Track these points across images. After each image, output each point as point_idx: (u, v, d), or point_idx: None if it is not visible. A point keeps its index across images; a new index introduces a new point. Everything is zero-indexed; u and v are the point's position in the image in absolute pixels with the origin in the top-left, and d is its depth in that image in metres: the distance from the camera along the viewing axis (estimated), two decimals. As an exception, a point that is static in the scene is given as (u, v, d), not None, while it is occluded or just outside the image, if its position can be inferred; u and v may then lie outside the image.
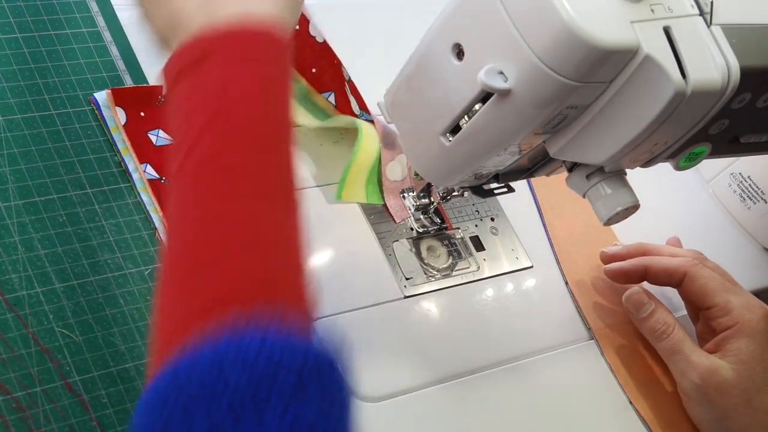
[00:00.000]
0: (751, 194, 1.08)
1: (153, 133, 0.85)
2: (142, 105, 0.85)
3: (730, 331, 0.89)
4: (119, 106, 0.84)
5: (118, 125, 0.84)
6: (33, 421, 0.71)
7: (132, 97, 0.85)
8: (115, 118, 0.84)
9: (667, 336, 0.91)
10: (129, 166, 0.83)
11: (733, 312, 0.90)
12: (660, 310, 0.92)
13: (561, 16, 0.66)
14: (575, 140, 0.74)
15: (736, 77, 0.71)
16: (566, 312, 0.95)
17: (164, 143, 0.84)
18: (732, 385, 0.88)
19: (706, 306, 0.91)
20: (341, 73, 0.93)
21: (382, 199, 0.91)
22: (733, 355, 0.88)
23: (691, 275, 0.92)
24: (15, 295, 0.75)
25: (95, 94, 0.84)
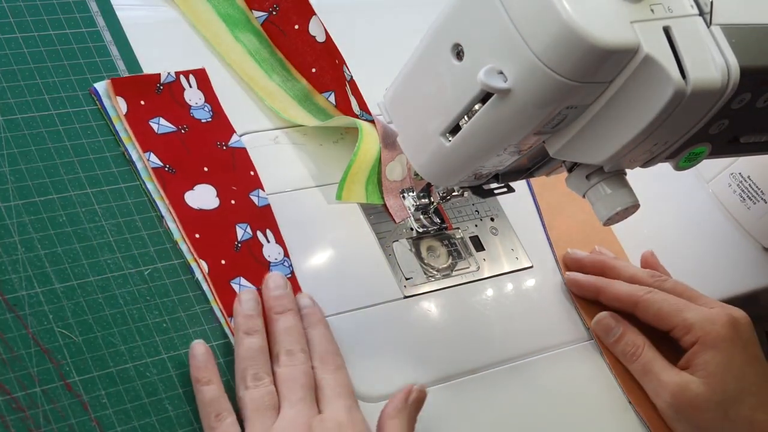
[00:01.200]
0: (751, 194, 1.08)
1: (154, 121, 0.85)
2: (142, 94, 0.86)
3: (696, 347, 0.89)
4: (119, 96, 0.84)
5: (120, 114, 0.84)
6: (33, 422, 0.71)
7: (131, 86, 0.85)
8: (116, 107, 0.84)
9: (637, 357, 0.91)
10: (132, 155, 0.83)
11: (693, 328, 0.89)
12: (629, 332, 0.92)
13: (561, 16, 0.66)
14: (575, 140, 0.74)
15: (736, 77, 0.71)
16: (566, 312, 0.95)
17: (166, 131, 0.85)
18: (705, 399, 0.87)
19: (667, 329, 0.91)
20: (342, 72, 0.93)
21: (382, 199, 0.91)
22: (702, 369, 0.88)
23: (643, 304, 0.91)
24: (15, 295, 0.75)
25: (95, 84, 0.85)
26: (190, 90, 0.88)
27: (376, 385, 0.83)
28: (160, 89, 0.86)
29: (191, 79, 0.88)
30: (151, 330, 0.78)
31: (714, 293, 1.03)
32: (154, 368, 0.77)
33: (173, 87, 0.87)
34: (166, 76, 0.87)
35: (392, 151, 0.92)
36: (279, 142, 0.91)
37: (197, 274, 0.81)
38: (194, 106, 0.87)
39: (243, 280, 0.82)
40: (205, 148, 0.86)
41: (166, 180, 0.83)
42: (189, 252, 0.81)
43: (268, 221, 0.86)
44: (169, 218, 0.82)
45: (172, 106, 0.87)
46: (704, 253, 1.07)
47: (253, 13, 0.95)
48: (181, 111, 0.87)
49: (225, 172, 0.86)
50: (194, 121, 0.87)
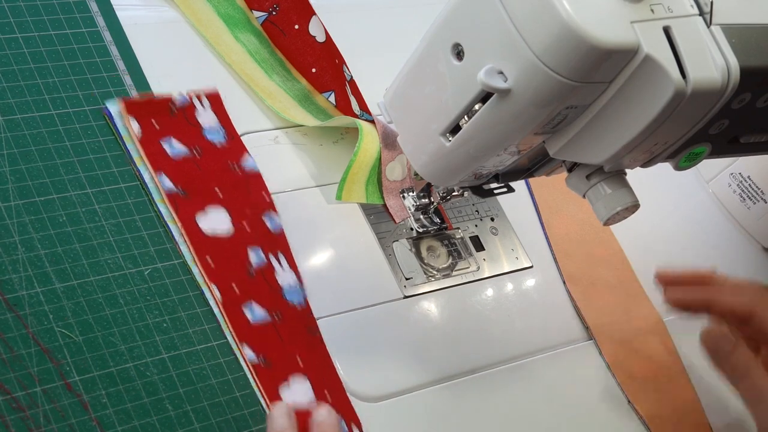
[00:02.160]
0: (751, 194, 1.08)
1: (166, 143, 0.84)
2: (155, 115, 0.85)
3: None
4: (132, 116, 0.84)
5: (132, 136, 0.83)
6: (33, 421, 0.71)
7: (145, 108, 0.85)
8: (128, 128, 0.84)
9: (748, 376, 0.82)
10: (144, 177, 0.83)
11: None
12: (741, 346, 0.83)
13: (561, 15, 0.66)
14: (575, 140, 0.74)
15: (736, 77, 0.71)
16: (566, 312, 0.95)
17: (178, 153, 0.84)
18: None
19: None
20: (342, 72, 0.93)
21: (382, 199, 0.91)
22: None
23: (759, 316, 0.83)
24: (15, 295, 0.75)
25: (108, 105, 0.84)
26: (203, 111, 0.87)
27: (376, 385, 0.83)
28: (174, 111, 0.85)
29: (204, 101, 0.88)
30: (152, 330, 0.78)
31: (714, 293, 1.04)
32: (154, 368, 0.77)
33: (187, 109, 0.87)
34: (179, 98, 0.87)
35: (392, 151, 0.92)
36: (279, 142, 0.91)
37: (209, 299, 0.80)
38: (207, 128, 0.87)
39: (255, 304, 0.81)
40: (218, 171, 0.85)
41: (178, 203, 0.82)
42: (200, 276, 0.81)
43: (281, 245, 0.85)
44: (181, 242, 0.81)
45: (186, 127, 0.86)
46: (704, 253, 1.07)
47: (253, 13, 0.96)
48: (195, 132, 0.86)
49: (238, 195, 0.85)
50: (207, 143, 0.86)
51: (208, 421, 0.77)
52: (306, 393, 0.80)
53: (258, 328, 0.81)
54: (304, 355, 0.81)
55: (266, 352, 0.80)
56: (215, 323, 0.80)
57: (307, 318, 0.83)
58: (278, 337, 0.81)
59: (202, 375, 0.78)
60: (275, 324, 0.81)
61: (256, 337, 0.80)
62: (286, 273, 0.84)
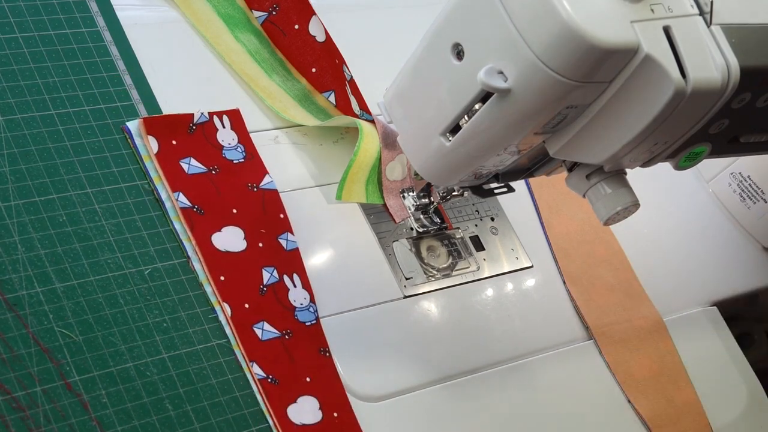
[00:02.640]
0: (751, 194, 1.08)
1: (185, 161, 0.84)
2: (174, 133, 0.85)
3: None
4: (150, 135, 0.84)
5: (150, 154, 0.83)
6: (33, 421, 0.71)
7: (163, 126, 0.85)
8: (147, 146, 0.84)
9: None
10: (161, 195, 0.83)
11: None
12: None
13: (561, 15, 0.66)
14: (575, 140, 0.74)
15: (736, 77, 0.71)
16: (566, 312, 0.95)
17: (196, 171, 0.84)
18: None
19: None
20: (342, 72, 0.93)
21: (382, 199, 0.91)
22: None
23: None
24: (15, 295, 0.75)
25: (128, 124, 0.84)
26: (223, 131, 0.87)
27: (376, 385, 0.83)
28: (193, 129, 0.85)
29: (225, 120, 0.88)
30: (152, 329, 0.78)
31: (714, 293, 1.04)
32: (154, 368, 0.77)
33: (206, 127, 0.86)
34: (199, 116, 0.86)
35: (392, 151, 0.92)
36: (279, 142, 0.91)
37: (220, 318, 0.80)
38: (227, 147, 0.87)
39: (266, 324, 0.81)
40: (235, 190, 0.85)
41: (194, 221, 0.82)
42: (213, 294, 0.81)
43: (296, 265, 0.85)
44: (195, 259, 0.81)
45: (205, 146, 0.86)
46: (704, 253, 1.07)
47: (253, 13, 0.96)
48: (213, 151, 0.86)
49: (254, 214, 0.85)
50: (226, 162, 0.86)
51: (208, 421, 0.77)
52: (314, 413, 0.80)
53: (268, 347, 0.81)
54: (314, 374, 0.81)
55: (275, 370, 0.80)
56: (216, 323, 0.80)
57: (318, 338, 0.83)
58: (288, 356, 0.81)
59: (202, 375, 0.78)
60: (285, 343, 0.81)
61: (265, 355, 0.80)
62: (298, 292, 0.84)
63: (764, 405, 0.99)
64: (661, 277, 1.01)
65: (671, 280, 1.02)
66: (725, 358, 1.00)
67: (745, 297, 1.06)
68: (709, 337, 0.99)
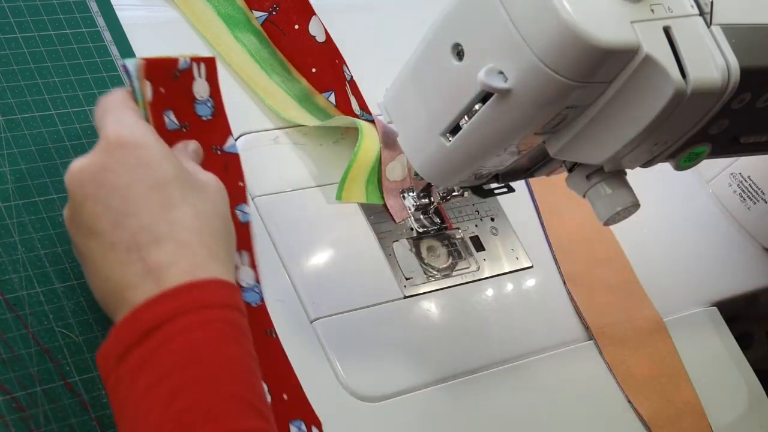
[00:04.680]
0: (751, 194, 1.08)
1: (167, 114, 0.79)
2: (163, 79, 0.79)
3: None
4: (147, 79, 0.77)
5: (146, 102, 0.77)
6: (33, 421, 0.71)
7: (159, 69, 0.79)
8: (143, 92, 0.77)
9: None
10: None
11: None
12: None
13: (561, 15, 0.66)
14: (575, 140, 0.74)
15: (736, 77, 0.71)
16: (566, 312, 0.95)
17: (173, 128, 0.79)
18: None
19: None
20: (342, 72, 0.93)
21: (382, 199, 0.91)
22: None
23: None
24: (15, 295, 0.75)
25: (127, 63, 0.77)
26: (198, 80, 0.82)
27: (376, 385, 0.83)
28: (177, 76, 0.80)
29: (201, 68, 0.82)
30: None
31: (714, 293, 1.04)
32: (154, 368, 0.77)
33: (186, 75, 0.81)
34: (182, 62, 0.80)
35: (392, 151, 0.92)
36: (279, 142, 0.91)
37: None
38: (199, 100, 0.82)
39: None
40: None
41: None
42: None
43: (245, 241, 0.80)
44: None
45: (182, 98, 0.81)
46: (704, 253, 1.07)
47: (253, 13, 0.96)
48: (187, 106, 0.81)
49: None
50: (195, 117, 0.82)
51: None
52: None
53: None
54: (260, 357, 0.75)
55: None
56: None
57: (263, 319, 0.80)
58: None
59: None
60: None
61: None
62: (244, 270, 0.80)
63: (764, 405, 0.99)
64: (661, 278, 1.01)
65: (671, 281, 1.02)
66: (725, 358, 1.00)
67: (745, 297, 1.06)
68: (709, 337, 0.99)
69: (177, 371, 0.64)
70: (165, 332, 0.65)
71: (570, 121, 0.73)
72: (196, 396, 0.64)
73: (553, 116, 0.71)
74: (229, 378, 0.65)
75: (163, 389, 0.63)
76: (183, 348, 0.65)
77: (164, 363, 0.64)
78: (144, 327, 0.66)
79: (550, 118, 0.71)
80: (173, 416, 0.63)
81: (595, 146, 0.73)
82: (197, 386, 0.64)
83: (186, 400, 0.63)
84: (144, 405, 0.64)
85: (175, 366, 0.64)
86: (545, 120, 0.71)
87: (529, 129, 0.72)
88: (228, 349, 0.66)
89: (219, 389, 0.64)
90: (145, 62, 0.77)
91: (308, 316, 0.84)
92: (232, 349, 0.67)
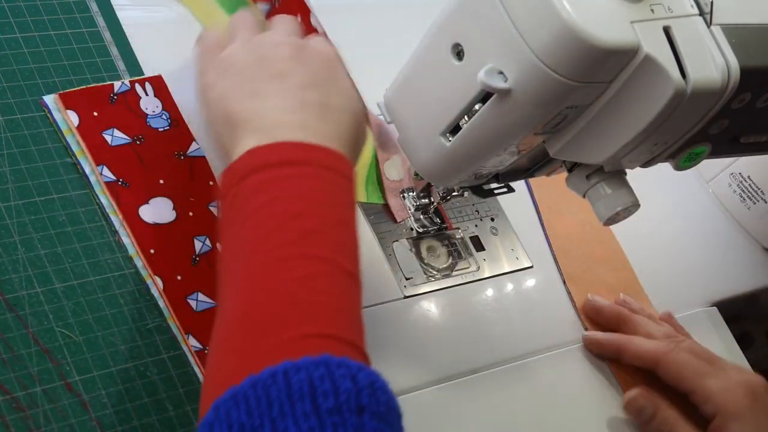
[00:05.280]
0: (751, 194, 1.08)
1: (108, 132, 0.82)
2: (94, 105, 0.83)
3: (718, 420, 0.86)
4: (70, 109, 0.82)
5: (71, 127, 0.81)
6: (33, 421, 0.71)
7: (83, 98, 0.83)
8: (66, 120, 0.82)
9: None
10: (85, 169, 0.81)
11: (712, 398, 0.87)
12: (661, 410, 0.88)
13: (561, 15, 0.66)
14: (575, 140, 0.74)
15: (736, 77, 0.71)
16: (566, 312, 0.95)
17: (120, 143, 0.82)
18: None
19: (685, 392, 0.89)
20: None
21: (383, 199, 0.91)
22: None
23: (664, 364, 0.89)
24: (15, 295, 0.75)
25: (44, 98, 0.82)
26: (146, 98, 0.85)
27: (376, 385, 0.83)
28: (114, 98, 0.83)
29: (147, 87, 0.86)
30: (151, 330, 0.78)
31: (714, 293, 1.04)
32: (154, 368, 0.77)
33: (128, 96, 0.84)
34: (119, 86, 0.84)
35: (386, 152, 0.92)
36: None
37: (153, 291, 0.79)
38: (151, 115, 0.85)
39: (201, 294, 0.80)
40: (161, 159, 0.83)
41: (119, 194, 0.80)
42: (144, 268, 0.79)
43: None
44: (123, 233, 0.80)
45: (128, 115, 0.84)
46: (704, 253, 1.07)
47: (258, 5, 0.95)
48: (137, 121, 0.84)
49: (182, 183, 0.83)
50: (151, 130, 0.84)
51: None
52: None
53: (203, 318, 0.79)
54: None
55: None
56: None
57: None
58: None
59: (202, 375, 0.78)
60: None
61: (201, 326, 0.79)
62: None
63: (764, 405, 0.99)
64: (661, 278, 1.01)
65: (671, 281, 1.02)
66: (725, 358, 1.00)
67: (745, 297, 1.06)
68: (709, 337, 0.99)
69: (292, 199, 0.69)
70: (291, 170, 0.71)
71: (570, 121, 0.73)
72: (306, 214, 0.69)
73: (553, 116, 0.71)
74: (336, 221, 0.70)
75: (278, 206, 0.69)
76: (300, 186, 0.70)
77: (282, 189, 0.70)
78: (276, 159, 0.71)
79: (550, 118, 0.71)
80: (284, 227, 0.68)
81: (595, 146, 0.73)
82: (309, 210, 0.69)
83: (296, 216, 0.69)
84: (257, 217, 0.69)
85: (290, 194, 0.70)
86: (545, 120, 0.71)
87: (529, 129, 0.72)
88: (339, 210, 0.71)
89: (327, 219, 0.70)
90: (60, 96, 0.82)
91: (308, 316, 0.84)
92: (344, 211, 0.72)
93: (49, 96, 0.83)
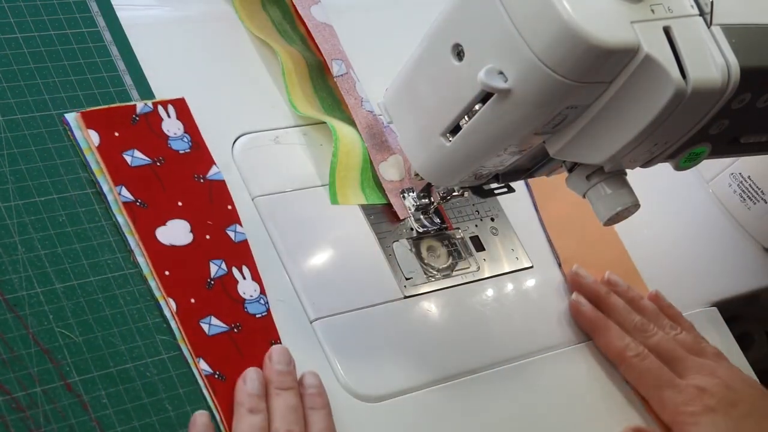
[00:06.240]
0: (751, 194, 1.08)
1: (128, 153, 0.82)
2: (116, 125, 0.83)
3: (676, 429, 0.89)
4: (91, 129, 0.82)
5: (91, 146, 0.82)
6: (33, 422, 0.71)
7: (104, 118, 0.83)
8: (87, 139, 0.82)
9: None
10: (103, 188, 0.81)
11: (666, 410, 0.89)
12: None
13: (561, 16, 0.66)
14: (575, 140, 0.74)
15: (736, 77, 0.71)
16: (566, 312, 0.95)
17: (140, 164, 0.82)
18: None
19: (643, 396, 0.91)
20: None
21: (384, 199, 0.91)
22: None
23: (625, 367, 0.91)
24: (15, 295, 0.75)
25: (66, 116, 0.82)
26: (168, 120, 0.85)
27: (376, 385, 0.83)
28: (136, 120, 0.83)
29: (170, 109, 0.86)
30: (151, 330, 0.78)
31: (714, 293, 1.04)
32: (154, 368, 0.77)
33: (150, 117, 0.85)
34: (142, 107, 0.85)
35: (382, 153, 0.92)
36: (279, 142, 0.91)
37: (166, 312, 0.79)
38: (172, 137, 0.85)
39: (214, 318, 0.80)
40: (180, 182, 0.83)
41: (137, 215, 0.80)
42: (158, 289, 0.79)
43: (245, 257, 0.83)
44: (138, 252, 0.80)
45: (149, 137, 0.84)
46: (704, 253, 1.07)
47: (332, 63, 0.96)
48: (158, 142, 0.84)
49: (201, 206, 0.83)
50: (171, 152, 0.84)
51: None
52: None
53: (215, 342, 0.79)
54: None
55: (223, 366, 0.78)
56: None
57: (269, 329, 0.81)
58: (237, 350, 0.79)
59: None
60: (233, 337, 0.80)
61: (212, 350, 0.79)
62: (248, 284, 0.82)
63: (764, 405, 0.99)
64: (661, 278, 1.01)
65: (671, 280, 1.02)
66: (725, 358, 1.00)
67: (745, 297, 1.06)
68: (709, 337, 0.98)
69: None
70: None
71: (570, 121, 0.73)
72: None
73: (553, 116, 0.71)
74: None
75: None
76: None
77: None
78: None
79: (550, 118, 0.71)
80: None
81: (595, 146, 0.73)
82: None
83: None
84: None
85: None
86: (545, 120, 0.71)
87: (529, 129, 0.72)
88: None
89: None
90: (81, 114, 0.82)
91: (308, 316, 0.84)
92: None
93: (71, 114, 0.83)
